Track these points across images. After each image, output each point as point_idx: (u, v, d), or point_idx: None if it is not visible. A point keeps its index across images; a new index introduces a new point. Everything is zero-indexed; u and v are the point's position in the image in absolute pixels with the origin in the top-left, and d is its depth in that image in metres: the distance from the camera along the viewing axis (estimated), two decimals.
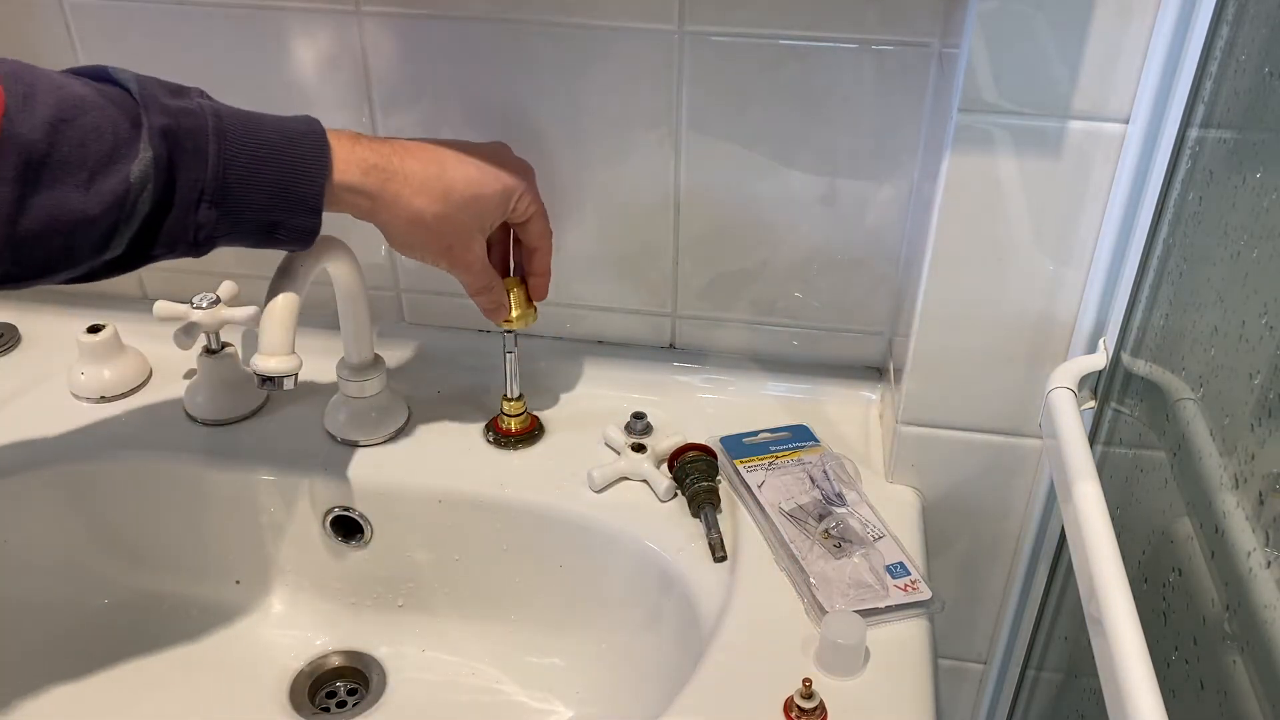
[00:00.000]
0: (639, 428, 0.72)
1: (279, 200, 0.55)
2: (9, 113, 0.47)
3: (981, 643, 0.77)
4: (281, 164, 0.55)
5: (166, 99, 0.53)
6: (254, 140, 0.55)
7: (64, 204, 0.50)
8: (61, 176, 0.49)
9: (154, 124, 0.52)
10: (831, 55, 0.64)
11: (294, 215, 0.56)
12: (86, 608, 0.73)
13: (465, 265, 0.63)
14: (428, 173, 0.59)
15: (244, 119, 0.55)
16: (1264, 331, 0.45)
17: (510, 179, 0.62)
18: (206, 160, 0.53)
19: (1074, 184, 0.56)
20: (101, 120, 0.50)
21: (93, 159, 0.50)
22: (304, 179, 0.56)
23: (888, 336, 0.75)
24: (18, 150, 0.48)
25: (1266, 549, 0.42)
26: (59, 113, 0.49)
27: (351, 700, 0.71)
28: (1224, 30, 0.50)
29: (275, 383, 0.64)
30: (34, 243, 0.50)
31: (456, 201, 0.60)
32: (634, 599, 0.67)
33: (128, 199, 0.51)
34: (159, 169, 0.52)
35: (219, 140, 0.54)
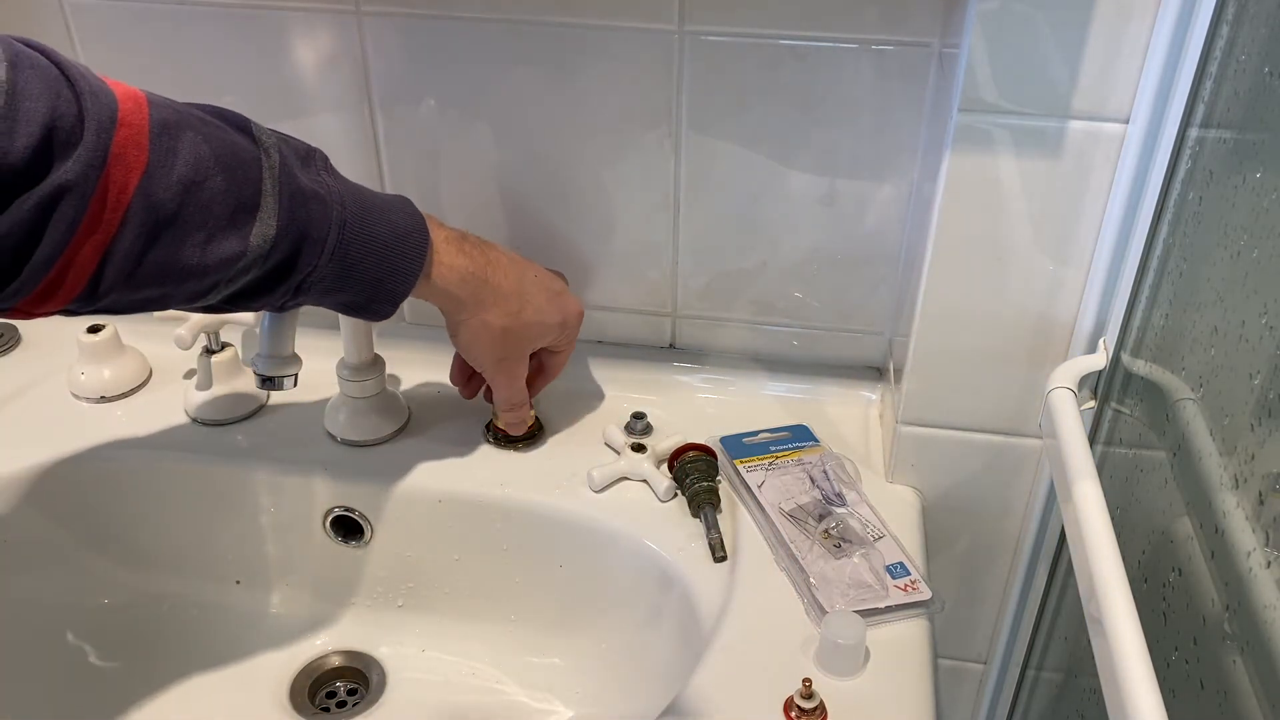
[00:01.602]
0: (639, 428, 0.72)
1: (373, 291, 0.58)
2: (149, 172, 0.48)
3: (981, 643, 0.77)
4: (386, 260, 0.57)
5: (299, 173, 0.54)
6: (367, 234, 0.56)
7: (179, 260, 0.50)
8: (184, 235, 0.50)
9: (283, 202, 0.52)
10: (831, 55, 0.65)
11: (381, 304, 0.59)
12: (86, 608, 0.73)
13: (510, 378, 0.68)
14: (510, 289, 0.64)
15: (361, 208, 0.56)
16: (1264, 331, 0.45)
17: (569, 314, 0.68)
18: (323, 251, 0.54)
19: (1074, 184, 0.56)
20: (231, 183, 0.51)
21: (214, 221, 0.50)
22: (400, 279, 0.58)
23: (888, 336, 0.75)
24: (148, 210, 0.48)
25: (1266, 549, 0.42)
26: (194, 174, 0.49)
27: (351, 700, 0.71)
28: (1224, 30, 0.50)
29: (275, 383, 0.64)
30: (140, 289, 0.50)
31: (524, 321, 0.65)
32: (634, 599, 0.67)
33: (238, 263, 0.52)
34: (277, 247, 0.53)
35: (339, 232, 0.55)
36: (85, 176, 0.45)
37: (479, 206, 0.74)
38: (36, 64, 0.45)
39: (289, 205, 0.53)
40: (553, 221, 0.74)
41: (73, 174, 0.45)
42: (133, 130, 0.47)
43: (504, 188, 0.74)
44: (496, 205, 0.74)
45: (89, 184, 0.46)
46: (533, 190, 0.73)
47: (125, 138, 0.47)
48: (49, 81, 0.45)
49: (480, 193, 0.74)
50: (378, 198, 0.58)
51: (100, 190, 0.46)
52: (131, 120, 0.47)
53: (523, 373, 0.68)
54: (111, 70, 0.50)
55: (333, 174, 0.57)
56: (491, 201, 0.74)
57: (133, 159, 0.47)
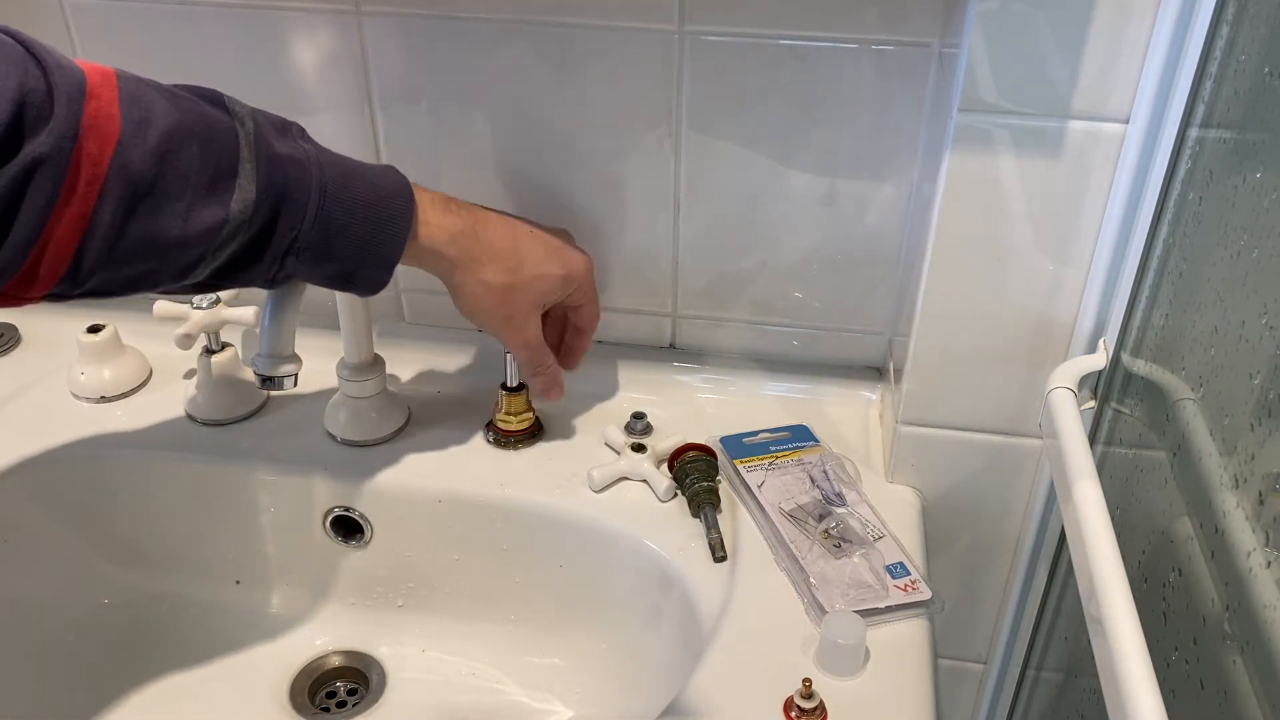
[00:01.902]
0: (639, 428, 0.72)
1: (362, 255, 0.57)
2: (123, 141, 0.47)
3: (981, 643, 0.77)
4: (371, 222, 0.57)
5: (275, 140, 0.54)
6: (350, 196, 0.56)
7: (161, 232, 0.50)
8: (163, 205, 0.49)
9: (261, 167, 0.52)
10: (831, 55, 0.65)
11: (372, 269, 0.58)
12: (86, 608, 0.73)
13: (523, 338, 0.66)
14: (504, 246, 0.63)
15: (342, 172, 0.56)
16: (1264, 331, 0.45)
17: (573, 266, 0.66)
18: (305, 214, 0.54)
19: (1074, 184, 0.56)
20: (207, 152, 0.51)
21: (193, 191, 0.50)
22: (389, 238, 0.57)
23: (888, 336, 0.75)
24: (125, 180, 0.48)
25: (1266, 549, 0.42)
26: (168, 143, 0.49)
27: (351, 700, 0.71)
28: (1224, 30, 0.50)
29: (275, 383, 0.64)
30: (125, 265, 0.50)
31: (524, 277, 0.63)
32: (634, 599, 0.67)
33: (221, 233, 0.52)
34: (258, 212, 0.52)
35: (320, 194, 0.55)
36: (58, 149, 0.45)
37: None
38: (2, 44, 0.45)
39: (266, 170, 0.52)
40: (553, 221, 0.74)
41: (45, 147, 0.45)
42: (103, 102, 0.47)
43: (503, 188, 0.74)
44: (496, 204, 0.74)
45: (63, 156, 0.45)
46: (532, 190, 0.73)
47: (96, 109, 0.47)
48: (15, 59, 0.45)
49: (480, 192, 0.74)
50: (359, 164, 0.58)
51: (74, 162, 0.46)
52: (101, 93, 0.47)
53: (535, 331, 0.66)
54: None
55: (310, 142, 0.57)
56: (491, 201, 0.74)
57: (105, 130, 0.47)
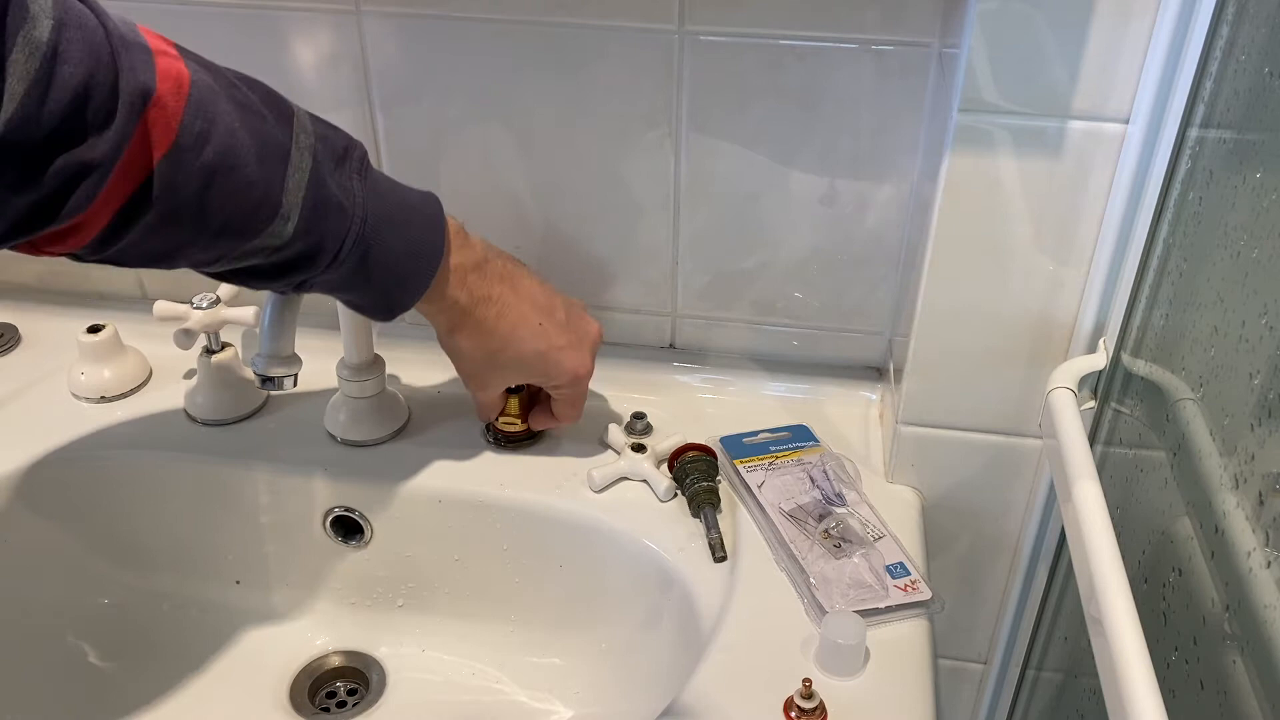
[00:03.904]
0: (639, 428, 0.72)
1: (375, 299, 0.59)
2: (174, 150, 0.47)
3: (981, 643, 0.77)
4: (392, 276, 0.58)
5: (329, 176, 0.54)
6: (380, 250, 0.56)
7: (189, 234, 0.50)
8: (199, 216, 0.50)
9: (305, 209, 0.52)
10: (831, 55, 0.65)
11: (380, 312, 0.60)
12: (86, 608, 0.73)
13: (481, 392, 0.68)
14: (495, 330, 0.63)
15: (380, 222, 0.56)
16: (1264, 331, 0.45)
17: (561, 373, 0.66)
18: (334, 260, 0.55)
19: (1074, 184, 0.56)
20: (256, 179, 0.50)
21: (231, 210, 0.50)
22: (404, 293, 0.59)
23: (888, 336, 0.75)
24: (166, 188, 0.48)
25: (1266, 549, 0.42)
26: (220, 162, 0.49)
27: (351, 700, 0.71)
28: (1224, 30, 0.50)
29: (275, 383, 0.64)
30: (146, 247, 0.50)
31: (497, 363, 0.65)
32: (634, 599, 0.67)
33: (245, 246, 0.52)
34: (289, 246, 0.53)
35: (354, 245, 0.55)
36: (112, 154, 0.45)
37: (479, 206, 0.74)
38: (84, 24, 0.44)
39: (309, 214, 0.52)
40: (553, 221, 0.74)
41: (100, 151, 0.45)
42: (165, 112, 0.47)
43: (503, 188, 0.74)
44: (496, 205, 0.74)
45: (114, 159, 0.45)
46: (532, 190, 0.73)
47: (156, 117, 0.46)
48: (92, 47, 0.44)
49: (480, 193, 0.74)
50: (403, 206, 0.58)
51: (123, 162, 0.46)
52: (167, 102, 0.47)
53: (497, 400, 0.69)
54: None
55: (365, 175, 0.56)
56: (491, 201, 0.74)
57: (159, 137, 0.47)
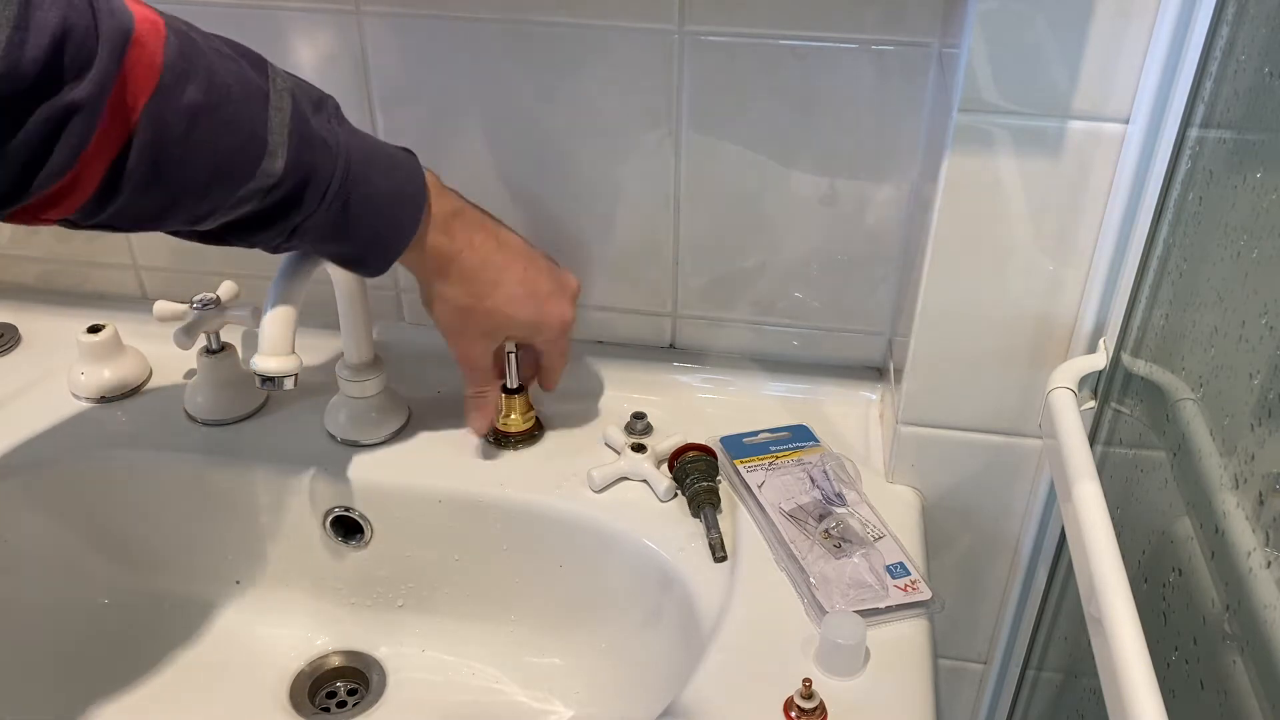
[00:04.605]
0: (639, 428, 0.72)
1: (368, 245, 0.59)
2: (159, 92, 0.48)
3: (981, 643, 0.77)
4: (382, 217, 0.58)
5: (310, 116, 0.54)
6: (368, 188, 0.57)
7: (182, 183, 0.51)
8: (188, 159, 0.50)
9: (292, 142, 0.53)
10: (831, 55, 0.65)
11: (375, 260, 0.60)
12: (86, 608, 0.73)
13: (465, 356, 0.67)
14: (481, 273, 0.63)
15: (365, 160, 0.57)
16: (1264, 331, 0.45)
17: (546, 318, 0.66)
18: (324, 197, 0.55)
19: (1074, 184, 0.56)
20: (240, 116, 0.51)
21: (221, 150, 0.51)
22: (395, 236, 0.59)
23: (888, 336, 0.75)
24: (155, 130, 0.48)
25: (1266, 549, 0.42)
26: (204, 99, 0.49)
27: (351, 700, 0.71)
28: (1224, 30, 0.50)
29: (275, 383, 0.64)
30: (140, 206, 0.51)
31: (486, 305, 0.64)
32: (634, 599, 0.67)
33: (239, 192, 0.52)
34: (280, 185, 0.53)
35: (341, 182, 0.55)
36: (96, 95, 0.45)
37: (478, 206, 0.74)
38: None
39: (297, 147, 0.53)
40: (553, 221, 0.74)
41: (84, 92, 0.45)
42: (146, 50, 0.47)
43: (503, 188, 0.74)
44: (496, 204, 0.74)
45: (100, 101, 0.46)
46: (532, 190, 0.73)
47: (138, 57, 0.47)
48: None
49: (480, 193, 0.73)
50: (381, 150, 0.59)
51: (109, 107, 0.46)
52: (146, 40, 0.47)
53: (479, 355, 0.67)
54: None
55: (342, 123, 0.57)
56: (491, 202, 0.74)
57: (143, 78, 0.47)
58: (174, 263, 0.82)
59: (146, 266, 0.84)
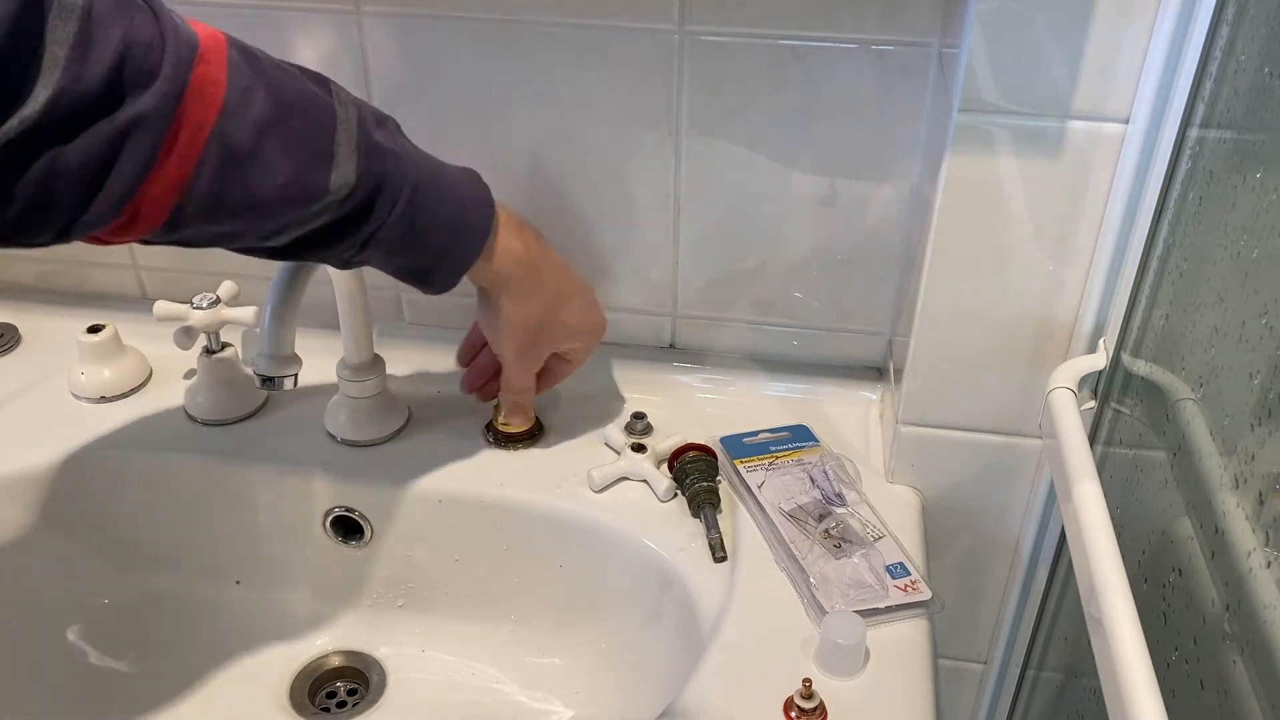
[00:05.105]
0: (639, 428, 0.72)
1: (438, 257, 0.59)
2: (226, 109, 0.47)
3: (981, 643, 0.77)
4: (453, 227, 0.59)
5: (374, 130, 0.54)
6: (438, 198, 0.57)
7: (255, 200, 0.50)
8: (260, 176, 0.50)
9: (361, 153, 0.53)
10: (831, 55, 0.65)
11: (444, 273, 0.60)
12: (86, 608, 0.73)
13: (526, 370, 0.68)
14: (554, 286, 0.64)
15: (432, 172, 0.57)
16: (1264, 331, 0.45)
17: (595, 326, 0.69)
18: (395, 207, 0.55)
19: (1074, 184, 0.56)
20: (308, 130, 0.51)
21: (292, 165, 0.50)
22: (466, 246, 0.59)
23: (888, 336, 0.75)
24: (225, 148, 0.48)
25: (1266, 549, 0.42)
26: (271, 115, 0.49)
27: (351, 700, 0.71)
28: (1224, 30, 0.50)
29: (275, 383, 0.64)
30: (215, 224, 0.50)
31: (557, 321, 0.66)
32: (634, 599, 0.67)
33: (314, 204, 0.52)
34: (354, 195, 0.53)
35: (412, 191, 0.55)
36: (160, 110, 0.45)
37: None
38: None
39: (366, 157, 0.53)
40: (553, 221, 0.74)
41: (148, 106, 0.44)
42: (211, 67, 0.47)
43: (503, 188, 0.73)
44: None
45: (164, 118, 0.45)
46: (533, 190, 0.73)
47: (204, 74, 0.46)
48: (125, 6, 0.44)
49: None
50: (447, 167, 0.59)
51: (175, 125, 0.46)
52: (210, 57, 0.47)
53: (535, 369, 0.68)
54: None
55: (405, 138, 0.58)
56: None
57: (210, 97, 0.47)
58: (174, 263, 0.82)
59: (146, 266, 0.84)
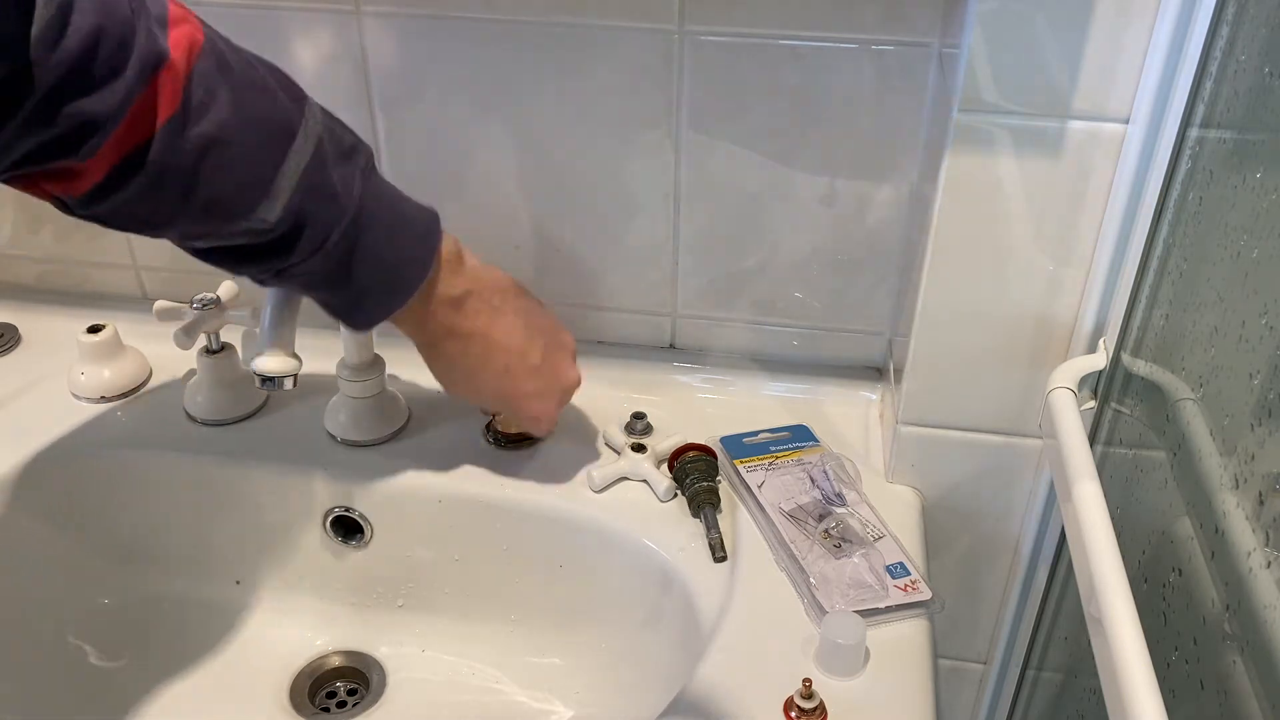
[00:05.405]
0: (639, 428, 0.72)
1: (351, 305, 0.58)
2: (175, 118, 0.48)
3: (981, 643, 0.77)
4: (375, 284, 0.57)
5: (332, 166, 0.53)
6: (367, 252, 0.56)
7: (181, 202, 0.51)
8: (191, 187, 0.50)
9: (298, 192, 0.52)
10: (831, 55, 0.65)
11: (357, 320, 0.59)
12: (86, 608, 0.73)
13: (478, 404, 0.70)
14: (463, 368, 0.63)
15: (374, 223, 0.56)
16: (1264, 331, 0.45)
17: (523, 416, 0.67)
18: (318, 249, 0.54)
19: (1074, 184, 0.56)
20: (253, 154, 0.51)
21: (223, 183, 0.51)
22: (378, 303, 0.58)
23: (888, 336, 0.75)
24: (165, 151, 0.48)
25: (1266, 549, 0.42)
26: (218, 133, 0.49)
27: (351, 700, 0.71)
28: (1224, 30, 0.50)
29: (275, 383, 0.64)
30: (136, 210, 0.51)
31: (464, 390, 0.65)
32: (634, 599, 0.67)
33: (233, 226, 0.52)
34: (274, 229, 0.53)
35: (340, 240, 0.54)
36: (118, 110, 0.46)
37: (478, 207, 0.74)
38: None
39: (301, 197, 0.52)
40: (553, 221, 0.74)
41: (107, 105, 0.45)
42: (173, 74, 0.47)
43: (503, 188, 0.74)
44: (496, 205, 0.74)
45: (118, 119, 0.46)
46: (532, 190, 0.73)
47: (166, 79, 0.47)
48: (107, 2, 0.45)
49: (480, 193, 0.74)
50: (399, 216, 0.57)
51: (128, 120, 0.46)
52: (179, 68, 0.48)
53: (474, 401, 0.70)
54: None
55: (370, 175, 0.56)
56: (491, 202, 0.74)
57: (166, 100, 0.47)
58: (174, 263, 0.82)
59: (146, 266, 0.84)
